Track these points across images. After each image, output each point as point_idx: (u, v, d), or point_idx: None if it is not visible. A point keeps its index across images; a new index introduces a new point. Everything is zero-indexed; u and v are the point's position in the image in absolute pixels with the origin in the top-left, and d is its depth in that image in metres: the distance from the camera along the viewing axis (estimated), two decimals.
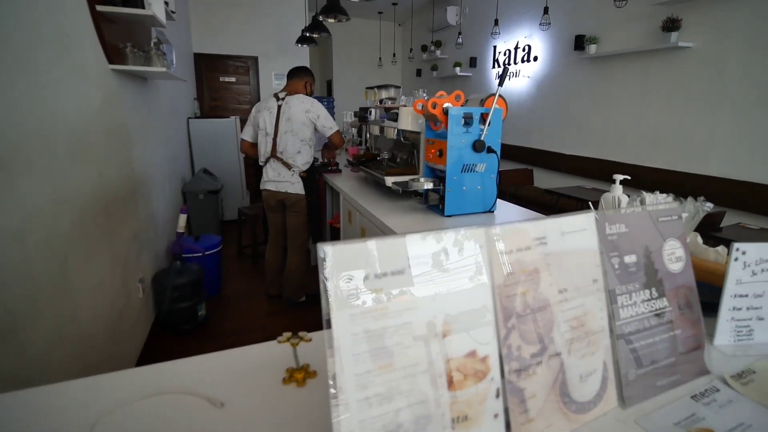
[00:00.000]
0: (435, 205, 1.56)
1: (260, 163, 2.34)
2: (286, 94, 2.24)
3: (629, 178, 1.10)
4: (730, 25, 2.48)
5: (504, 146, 4.74)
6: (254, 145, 2.35)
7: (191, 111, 4.27)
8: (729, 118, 2.54)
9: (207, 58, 4.72)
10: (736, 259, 0.66)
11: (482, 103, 1.46)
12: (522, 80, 4.29)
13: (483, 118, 1.41)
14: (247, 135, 2.36)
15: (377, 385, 0.39)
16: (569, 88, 3.74)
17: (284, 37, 4.91)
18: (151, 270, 2.26)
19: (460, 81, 5.40)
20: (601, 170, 3.39)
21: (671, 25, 2.72)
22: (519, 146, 4.46)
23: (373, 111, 2.03)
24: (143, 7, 1.81)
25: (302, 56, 5.05)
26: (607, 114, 3.39)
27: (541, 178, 4.13)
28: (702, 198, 0.88)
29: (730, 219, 2.45)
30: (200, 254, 2.52)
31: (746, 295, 0.67)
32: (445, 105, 1.37)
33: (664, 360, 0.58)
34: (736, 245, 0.65)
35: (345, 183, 2.25)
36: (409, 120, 1.63)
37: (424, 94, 1.72)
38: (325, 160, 2.56)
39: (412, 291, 0.41)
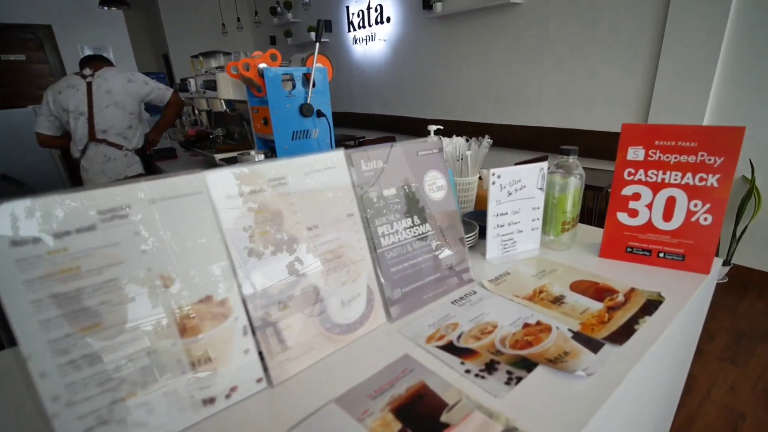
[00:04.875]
0: None
1: (75, 155, 2.12)
2: (93, 71, 2.07)
3: (441, 128, 1.26)
4: None
5: (369, 116, 4.96)
6: (56, 137, 2.12)
7: None
8: (553, 72, 3.05)
9: None
10: (493, 183, 0.82)
11: (304, 62, 1.51)
12: (378, 44, 4.49)
13: (307, 80, 1.46)
14: (43, 127, 2.12)
15: (83, 347, 0.41)
16: (423, 50, 4.04)
17: None
18: None
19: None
20: (458, 132, 3.78)
21: None
22: (384, 115, 4.70)
23: (191, 81, 1.94)
24: None
25: (115, 24, 4.47)
26: (458, 75, 3.77)
27: None
28: (487, 136, 1.06)
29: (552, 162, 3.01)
30: None
31: (506, 213, 0.84)
32: (260, 66, 1.38)
33: (430, 276, 0.71)
34: (492, 170, 0.81)
35: (181, 170, 2.13)
36: (230, 88, 1.60)
37: (244, 55, 1.70)
38: (151, 140, 2.36)
39: (110, 246, 0.43)
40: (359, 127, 5.13)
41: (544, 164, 0.84)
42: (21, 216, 0.39)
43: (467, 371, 0.54)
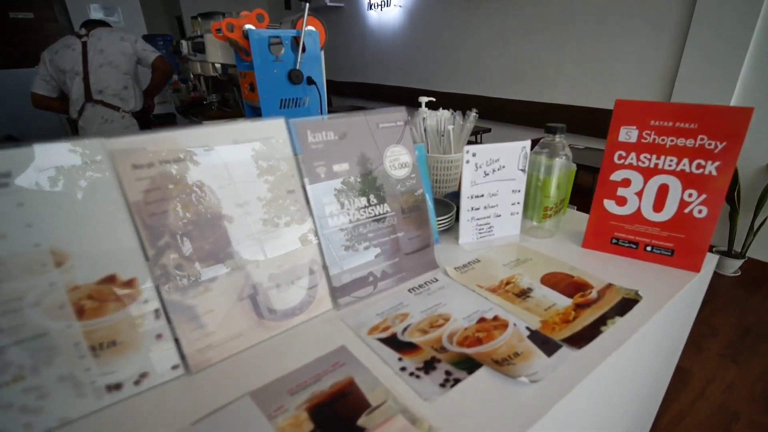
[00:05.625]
0: None
1: (73, 116, 2.12)
2: (88, 30, 2.04)
3: (434, 99, 1.18)
4: None
5: (382, 87, 4.79)
6: (51, 98, 2.12)
7: None
8: (573, 44, 2.86)
9: None
10: (467, 162, 0.74)
11: (294, 24, 1.42)
12: (394, 10, 4.29)
13: (296, 43, 1.38)
14: (39, 87, 2.12)
15: None
16: (439, 19, 3.85)
17: None
18: None
19: (333, 13, 5.23)
20: (470, 106, 3.62)
21: None
22: (398, 86, 4.55)
23: (184, 44, 1.86)
24: None
25: None
26: (475, 47, 3.58)
27: None
28: (474, 110, 0.97)
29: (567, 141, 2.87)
30: None
31: (482, 195, 0.77)
32: (245, 27, 1.30)
33: (386, 261, 0.65)
34: (466, 148, 0.74)
35: None
36: (218, 51, 1.52)
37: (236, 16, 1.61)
38: (146, 105, 2.33)
39: None
40: (372, 98, 5.00)
41: (527, 143, 0.76)
42: None
43: (402, 369, 0.49)
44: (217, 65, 1.66)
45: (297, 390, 0.46)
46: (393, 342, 0.53)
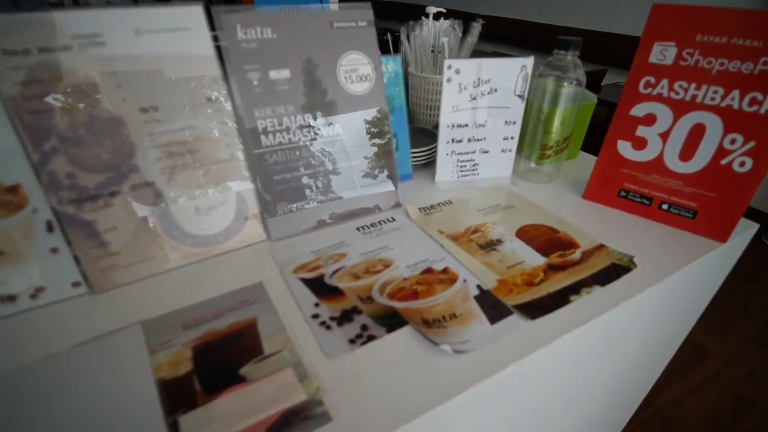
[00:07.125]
0: None
1: None
2: None
3: (444, 10, 1.01)
4: None
5: (421, 8, 4.34)
6: None
7: None
8: None
9: None
10: (448, 80, 0.63)
11: None
12: None
13: None
14: None
15: None
16: None
17: None
18: None
19: None
20: (513, 32, 3.26)
21: None
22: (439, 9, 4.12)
23: None
24: None
25: None
26: None
27: None
28: (479, 20, 0.82)
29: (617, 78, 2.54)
30: None
31: (465, 125, 0.66)
32: None
33: (333, 193, 0.58)
34: (448, 62, 0.61)
35: None
36: None
37: None
38: None
39: None
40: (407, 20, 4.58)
41: (529, 60, 0.63)
42: None
43: (315, 316, 0.44)
44: None
45: (192, 325, 0.43)
46: (316, 284, 0.48)
